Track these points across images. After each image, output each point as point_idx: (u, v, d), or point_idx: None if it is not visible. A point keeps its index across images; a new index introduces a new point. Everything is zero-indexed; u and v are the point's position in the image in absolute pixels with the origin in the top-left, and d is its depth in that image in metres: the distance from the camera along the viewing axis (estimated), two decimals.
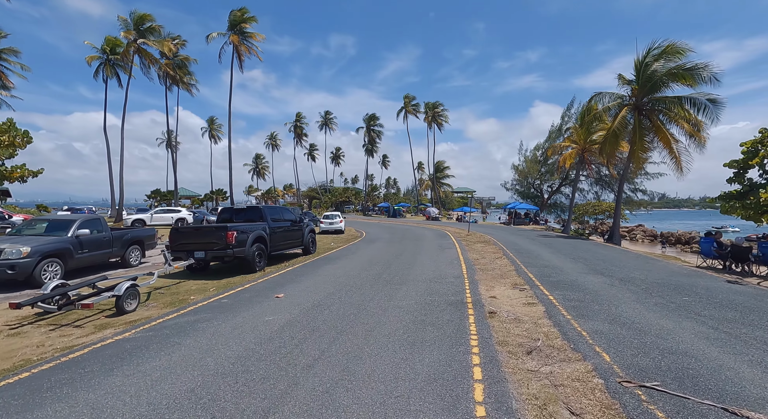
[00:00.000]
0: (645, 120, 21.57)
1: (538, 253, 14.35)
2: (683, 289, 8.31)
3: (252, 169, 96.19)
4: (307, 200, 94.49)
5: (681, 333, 5.31)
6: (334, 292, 7.81)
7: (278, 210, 13.79)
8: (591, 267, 11.28)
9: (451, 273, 9.85)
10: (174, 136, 72.32)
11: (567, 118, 45.53)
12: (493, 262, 11.95)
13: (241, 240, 10.72)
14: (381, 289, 8.03)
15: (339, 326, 5.54)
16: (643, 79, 21.19)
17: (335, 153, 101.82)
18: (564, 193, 49.73)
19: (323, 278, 9.45)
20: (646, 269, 11.13)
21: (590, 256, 13.81)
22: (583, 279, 9.33)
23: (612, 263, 12.15)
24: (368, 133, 71.01)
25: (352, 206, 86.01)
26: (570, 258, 13.23)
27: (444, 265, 11.22)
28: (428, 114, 65.88)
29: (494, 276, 9.53)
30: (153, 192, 55.79)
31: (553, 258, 13.15)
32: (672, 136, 20.70)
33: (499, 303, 6.93)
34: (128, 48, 29.40)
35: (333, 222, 26.58)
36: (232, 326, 5.62)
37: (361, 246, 17.58)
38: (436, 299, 7.15)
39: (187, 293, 8.45)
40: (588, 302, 7.01)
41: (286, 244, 13.37)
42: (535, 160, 48.71)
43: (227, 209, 13.40)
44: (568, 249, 16.30)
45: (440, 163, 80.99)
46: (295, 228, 14.09)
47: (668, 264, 12.39)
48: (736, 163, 11.89)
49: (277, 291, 7.96)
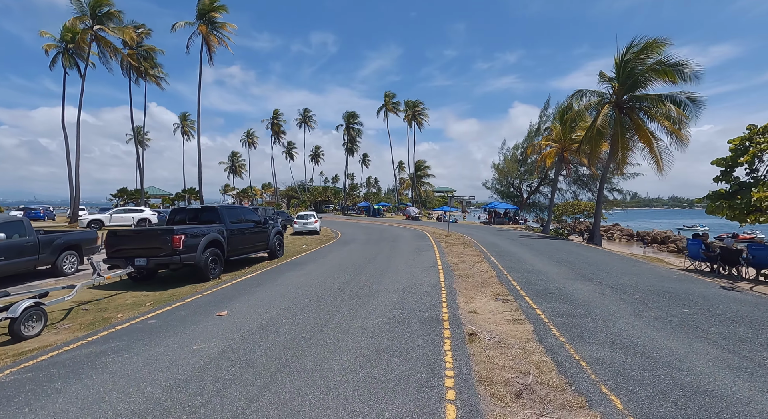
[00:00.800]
0: (625, 118, 21.22)
1: (519, 256, 13.54)
2: (680, 298, 7.55)
3: (228, 167, 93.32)
4: (285, 199, 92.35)
5: (695, 360, 4.43)
6: (290, 308, 6.67)
7: (239, 210, 12.48)
8: (577, 271, 10.49)
9: (427, 282, 8.83)
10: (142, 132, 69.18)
11: (545, 117, 45.55)
12: (473, 267, 11.02)
13: (190, 244, 9.42)
14: (345, 303, 6.93)
15: (283, 358, 4.42)
16: (623, 76, 20.80)
17: (315, 151, 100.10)
18: (543, 193, 49.79)
19: (282, 288, 8.27)
20: (634, 273, 10.43)
21: (574, 259, 13.08)
22: (571, 286, 8.48)
23: (598, 267, 11.42)
24: (348, 131, 69.72)
25: (331, 206, 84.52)
26: (553, 261, 12.45)
27: (420, 271, 10.21)
28: (408, 112, 65.09)
29: (474, 285, 8.56)
30: (119, 190, 52.87)
31: (536, 261, 12.35)
32: (653, 134, 20.41)
33: (480, 321, 5.94)
34: (84, 35, 27.21)
35: (307, 222, 25.30)
36: (145, 360, 4.41)
37: (334, 248, 16.42)
38: (407, 316, 6.10)
39: (117, 309, 7.14)
40: (581, 317, 6.11)
41: (248, 248, 12.10)
42: (515, 159, 48.58)
43: (179, 210, 12.02)
44: (550, 250, 15.59)
45: (420, 162, 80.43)
46: (259, 230, 12.84)
47: (655, 268, 11.76)
48: (723, 160, 11.36)
49: (222, 307, 6.75)
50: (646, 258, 14.72)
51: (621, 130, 20.48)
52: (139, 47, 36.42)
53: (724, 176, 11.48)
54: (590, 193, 43.71)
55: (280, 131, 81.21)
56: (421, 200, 73.80)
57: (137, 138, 45.31)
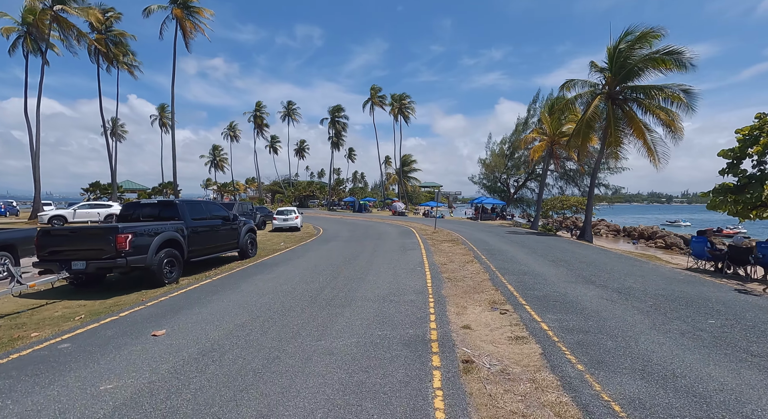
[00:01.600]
0: (617, 110, 20.49)
1: (512, 255, 12.59)
2: (698, 306, 6.64)
3: (209, 161, 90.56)
4: (269, 194, 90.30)
5: (754, 396, 3.45)
6: (246, 323, 5.49)
7: (204, 206, 11.16)
8: (576, 273, 9.56)
9: (413, 287, 7.75)
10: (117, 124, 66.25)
11: (533, 111, 44.96)
12: (464, 268, 10.00)
13: (140, 245, 8.14)
14: (314, 316, 5.79)
15: (216, 404, 3.26)
16: (617, 67, 20.02)
17: (300, 145, 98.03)
18: (530, 188, 49.39)
19: (243, 296, 7.08)
20: (637, 274, 9.55)
21: (570, 258, 12.20)
22: (574, 291, 7.51)
23: (597, 267, 10.53)
24: (333, 125, 68.11)
25: (316, 201, 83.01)
26: (548, 260, 11.53)
27: (405, 274, 9.12)
28: (394, 106, 63.79)
29: (466, 290, 7.52)
30: (91, 184, 50.30)
31: (530, 260, 11.41)
32: (646, 126, 19.74)
33: (475, 339, 4.88)
34: (43, 16, 25.13)
35: (287, 218, 23.98)
36: (20, 413, 3.20)
37: (314, 246, 15.23)
38: (387, 334, 5.00)
39: (36, 325, 5.85)
40: (595, 333, 5.10)
41: (214, 248, 10.83)
42: (502, 154, 47.94)
43: (133, 205, 10.63)
44: (542, 248, 14.71)
45: (407, 157, 79.40)
46: (227, 228, 11.57)
47: (657, 267, 10.94)
48: (731, 152, 10.56)
49: (162, 323, 5.53)
50: (643, 256, 13.96)
51: (614, 122, 19.74)
52: (109, 32, 34.25)
53: (731, 169, 10.69)
54: (577, 188, 43.42)
55: (263, 124, 78.92)
56: (407, 195, 72.87)
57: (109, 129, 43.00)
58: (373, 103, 64.98)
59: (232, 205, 22.54)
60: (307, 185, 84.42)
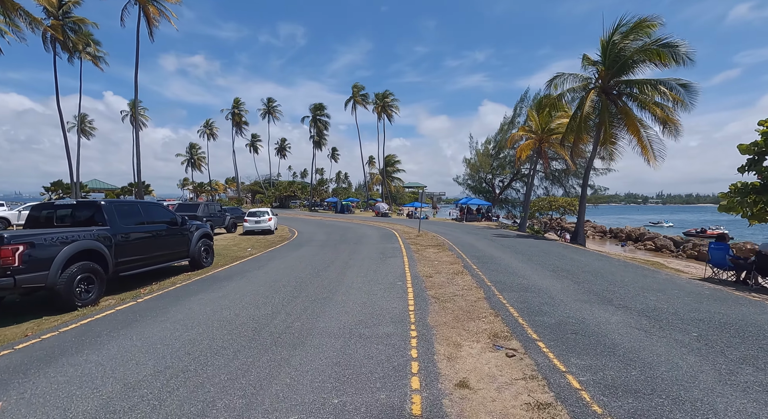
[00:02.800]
0: (611, 105, 19.33)
1: (506, 263, 11.08)
2: (753, 336, 5.19)
3: (186, 160, 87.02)
4: (249, 194, 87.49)
5: None
6: (143, 381, 3.72)
7: (142, 207, 9.23)
8: (585, 286, 8.08)
9: (390, 311, 6.08)
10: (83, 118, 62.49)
11: (519, 110, 44.01)
12: (453, 281, 8.40)
13: (38, 258, 6.27)
14: (249, 368, 4.05)
15: None
16: (610, 60, 18.84)
17: (281, 144, 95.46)
18: (515, 188, 48.48)
19: (162, 330, 5.27)
20: (655, 288, 8.14)
21: (571, 266, 10.77)
22: (592, 315, 5.99)
23: (605, 278, 9.10)
24: (315, 124, 65.97)
25: (298, 201, 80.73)
26: (548, 270, 10.06)
27: (382, 291, 7.44)
28: (378, 104, 62.16)
29: (458, 316, 5.90)
30: (53, 183, 46.92)
31: (528, 270, 9.90)
32: (641, 122, 18.63)
33: (478, 411, 3.25)
34: None
35: (260, 220, 22.01)
36: None
37: (283, 252, 13.42)
38: (347, 403, 3.31)
39: None
40: (649, 395, 3.53)
41: (154, 258, 8.94)
42: (487, 153, 46.88)
43: (45, 205, 8.65)
44: (536, 254, 13.29)
45: (391, 157, 77.77)
46: (173, 234, 9.71)
47: (672, 278, 9.59)
48: (754, 146, 9.30)
49: (10, 386, 3.71)
50: (648, 263, 12.65)
51: (608, 118, 18.55)
52: (66, 18, 31.53)
53: (754, 165, 9.44)
54: (563, 189, 42.67)
55: (241, 122, 76.11)
56: (391, 196, 71.35)
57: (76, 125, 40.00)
58: (356, 102, 63.26)
59: (196, 206, 20.50)
60: (288, 185, 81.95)
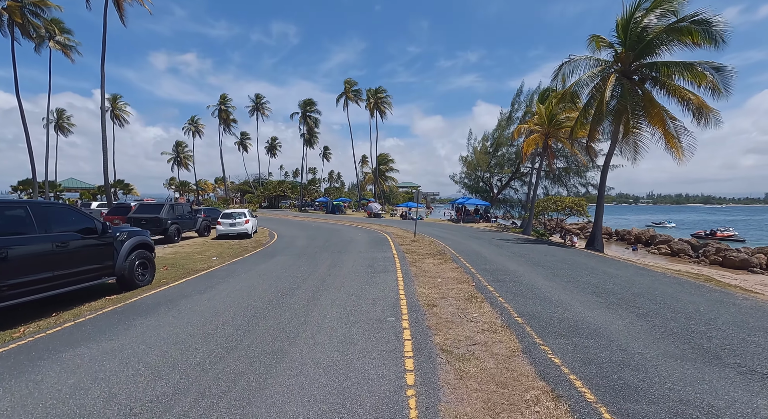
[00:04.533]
0: (634, 92, 17.02)
1: (529, 281, 8.67)
2: None
3: (172, 158, 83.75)
4: (238, 194, 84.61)
5: None
6: None
7: (33, 211, 6.62)
8: (660, 326, 5.68)
9: (375, 389, 3.61)
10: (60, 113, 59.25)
11: (517, 105, 41.82)
12: (466, 314, 5.97)
13: None
14: None
15: None
16: (631, 40, 16.56)
17: (271, 143, 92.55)
18: (513, 187, 46.28)
19: None
20: (749, 326, 5.77)
21: (614, 287, 8.39)
22: (714, 391, 3.58)
23: (675, 308, 6.69)
24: (305, 121, 63.23)
25: (288, 201, 78.08)
26: (589, 292, 7.67)
27: (364, 340, 4.92)
28: (370, 101, 59.64)
29: (490, 399, 3.44)
30: (21, 182, 43.71)
31: (563, 294, 7.50)
32: (666, 111, 16.36)
33: None
34: None
35: (235, 223, 19.42)
36: None
37: (249, 264, 10.90)
38: None
39: None
40: None
41: (51, 280, 6.35)
42: (485, 151, 44.59)
43: None
44: (560, 266, 10.92)
45: (384, 156, 75.32)
46: (89, 245, 7.15)
47: (736, 300, 7.25)
48: None
49: None
50: (701, 278, 10.30)
51: (631, 106, 16.26)
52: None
53: None
54: (564, 188, 40.49)
55: (229, 119, 73.06)
56: (384, 196, 68.94)
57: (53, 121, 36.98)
58: (348, 98, 60.72)
59: (159, 207, 17.84)
60: (277, 184, 79.05)
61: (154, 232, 17.39)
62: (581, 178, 39.43)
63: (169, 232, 17.39)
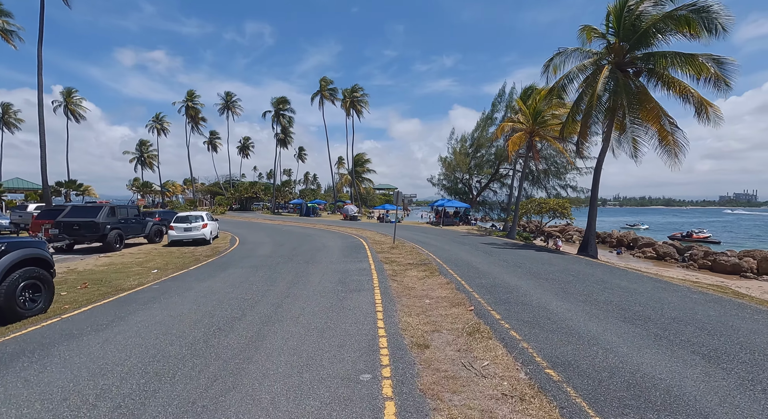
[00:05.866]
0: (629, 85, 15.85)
1: (540, 302, 6.99)
2: None
3: (135, 158, 78.84)
4: (208, 196, 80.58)
5: None
6: None
7: None
8: (748, 380, 4.07)
9: None
10: (6, 108, 54.29)
11: (498, 105, 40.85)
12: (471, 358, 4.17)
13: None
14: None
15: None
16: (625, 30, 15.41)
17: (243, 142, 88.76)
18: (493, 189, 45.37)
19: None
20: None
21: (645, 309, 6.82)
22: None
23: (740, 343, 5.14)
24: (278, 119, 60.50)
25: (261, 203, 74.92)
26: (621, 319, 6.04)
27: None
28: (346, 99, 57.62)
29: None
30: None
31: (588, 321, 5.84)
32: (661, 108, 15.26)
33: None
34: None
35: (190, 227, 17.04)
36: None
37: (190, 280, 8.75)
38: None
39: None
40: None
41: None
42: (464, 152, 43.41)
43: None
44: (567, 279, 9.36)
45: (360, 156, 73.22)
46: None
47: None
48: None
49: None
50: (728, 293, 8.92)
51: (626, 99, 15.04)
52: None
53: None
54: (543, 190, 39.74)
55: (198, 117, 69.18)
56: (361, 198, 66.97)
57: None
58: (323, 96, 58.52)
59: (97, 210, 15.27)
60: (249, 186, 75.73)
61: (90, 239, 14.86)
62: (560, 179, 38.77)
63: (109, 239, 14.88)
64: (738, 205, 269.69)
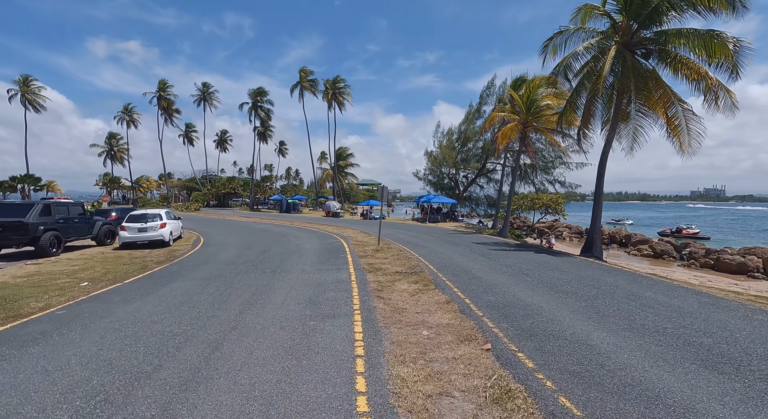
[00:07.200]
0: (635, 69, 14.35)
1: (579, 334, 5.29)
2: None
3: (105, 151, 74.33)
4: (184, 191, 76.89)
5: None
6: None
7: None
8: None
9: None
10: None
11: (487, 97, 39.31)
12: None
13: None
14: None
15: None
16: (634, 5, 13.89)
17: (221, 136, 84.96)
18: (480, 184, 44.01)
19: None
20: None
21: (716, 343, 5.21)
22: None
23: None
24: (256, 111, 57.65)
25: (240, 199, 71.95)
26: (696, 363, 4.40)
27: None
28: (328, 91, 55.12)
29: None
30: None
31: (663, 370, 4.17)
32: (674, 93, 13.84)
33: None
34: None
35: (146, 227, 14.82)
36: None
37: (113, 303, 6.69)
38: None
39: None
40: None
41: None
42: (451, 145, 41.83)
43: None
44: (590, 291, 7.72)
45: (343, 150, 70.77)
46: None
47: None
48: None
49: None
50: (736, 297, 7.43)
51: (635, 83, 13.52)
52: None
53: None
54: (531, 185, 38.53)
55: (171, 109, 65.59)
56: (344, 193, 64.78)
57: None
58: (303, 87, 55.84)
59: (27, 208, 12.89)
60: (227, 181, 72.50)
61: (18, 243, 12.50)
62: (548, 174, 37.62)
63: (41, 242, 12.56)
64: (708, 200, 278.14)
